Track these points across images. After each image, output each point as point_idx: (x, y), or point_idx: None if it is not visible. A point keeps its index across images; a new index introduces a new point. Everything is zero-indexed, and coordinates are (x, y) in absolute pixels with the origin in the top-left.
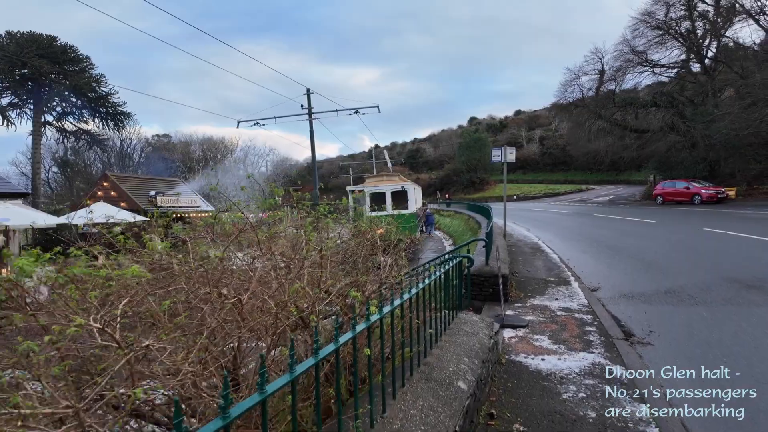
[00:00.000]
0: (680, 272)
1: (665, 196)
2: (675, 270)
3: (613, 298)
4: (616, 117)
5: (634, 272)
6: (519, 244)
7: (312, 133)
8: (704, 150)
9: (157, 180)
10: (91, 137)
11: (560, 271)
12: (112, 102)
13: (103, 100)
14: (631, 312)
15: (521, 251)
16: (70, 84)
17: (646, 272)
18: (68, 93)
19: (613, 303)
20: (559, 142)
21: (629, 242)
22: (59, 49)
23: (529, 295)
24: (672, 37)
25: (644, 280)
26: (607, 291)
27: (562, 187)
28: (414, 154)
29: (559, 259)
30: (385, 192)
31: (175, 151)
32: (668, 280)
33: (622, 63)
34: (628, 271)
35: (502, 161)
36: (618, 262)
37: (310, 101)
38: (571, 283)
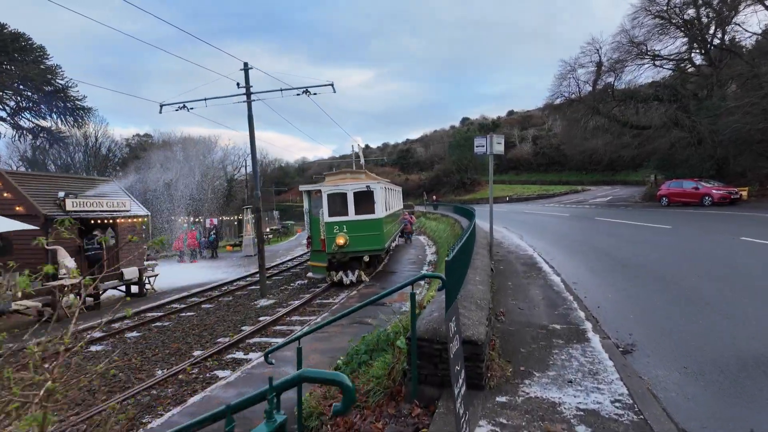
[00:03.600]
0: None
1: (671, 197)
2: (752, 313)
3: (669, 375)
4: (614, 112)
5: (680, 311)
6: (509, 259)
7: (251, 118)
8: (711, 147)
9: (76, 179)
10: (50, 135)
11: (568, 308)
12: (70, 96)
13: (61, 94)
14: (728, 419)
15: (512, 271)
16: (19, 75)
17: (700, 313)
18: (19, 85)
19: (676, 390)
20: (552, 142)
21: (650, 256)
22: (8, 36)
23: (521, 370)
24: (675, 26)
25: (707, 331)
26: (649, 354)
27: (557, 188)
28: (404, 155)
29: (562, 285)
30: (347, 193)
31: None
32: (747, 331)
33: (621, 54)
34: (670, 310)
35: (487, 153)
36: (647, 291)
37: (248, 79)
38: (589, 338)
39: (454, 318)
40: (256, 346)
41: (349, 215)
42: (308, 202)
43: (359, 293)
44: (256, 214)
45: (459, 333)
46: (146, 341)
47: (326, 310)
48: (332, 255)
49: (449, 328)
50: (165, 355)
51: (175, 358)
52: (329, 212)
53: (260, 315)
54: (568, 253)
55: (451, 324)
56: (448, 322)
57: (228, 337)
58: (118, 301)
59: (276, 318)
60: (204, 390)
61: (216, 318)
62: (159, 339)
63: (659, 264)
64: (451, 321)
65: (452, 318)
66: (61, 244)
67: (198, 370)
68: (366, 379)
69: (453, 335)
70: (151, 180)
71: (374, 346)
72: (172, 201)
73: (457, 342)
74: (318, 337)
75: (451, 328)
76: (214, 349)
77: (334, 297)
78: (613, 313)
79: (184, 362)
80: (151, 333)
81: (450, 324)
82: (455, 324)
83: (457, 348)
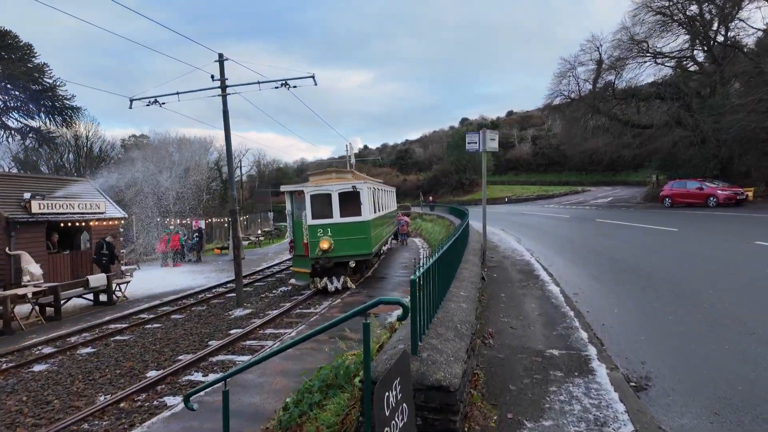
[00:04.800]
0: None
1: (674, 197)
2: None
3: (697, 425)
4: (615, 111)
5: (701, 331)
6: (505, 265)
7: (226, 113)
8: (715, 146)
9: (46, 179)
10: (39, 135)
11: (568, 326)
12: (58, 95)
13: (49, 93)
14: None
15: (506, 279)
16: (5, 73)
17: (727, 336)
18: (6, 84)
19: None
20: (552, 142)
21: (658, 263)
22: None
23: (509, 418)
24: (677, 22)
25: (738, 360)
26: (669, 392)
27: (556, 188)
28: (403, 155)
29: (562, 296)
30: (331, 193)
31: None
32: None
33: (622, 52)
34: (688, 329)
35: (479, 150)
36: (659, 305)
37: (222, 71)
38: (594, 369)
39: (398, 382)
40: (218, 366)
41: (333, 217)
42: (291, 203)
43: (343, 302)
44: (231, 216)
45: (429, 378)
46: (99, 359)
47: (305, 322)
48: (316, 260)
49: (384, 403)
50: (114, 376)
51: (126, 380)
52: (313, 214)
53: (232, 327)
54: (569, 259)
55: (389, 395)
56: (383, 393)
57: (191, 354)
58: (83, 312)
59: (248, 331)
60: (144, 423)
61: (183, 331)
62: (114, 356)
63: (669, 272)
64: (390, 389)
65: (392, 383)
66: (25, 249)
67: (145, 396)
68: (315, 427)
69: (392, 412)
70: (144, 181)
71: (331, 381)
72: (162, 202)
73: (403, 416)
74: (289, 355)
75: (389, 402)
76: (171, 369)
77: (316, 306)
78: (620, 333)
79: (133, 385)
80: (107, 349)
81: (387, 396)
82: (399, 391)
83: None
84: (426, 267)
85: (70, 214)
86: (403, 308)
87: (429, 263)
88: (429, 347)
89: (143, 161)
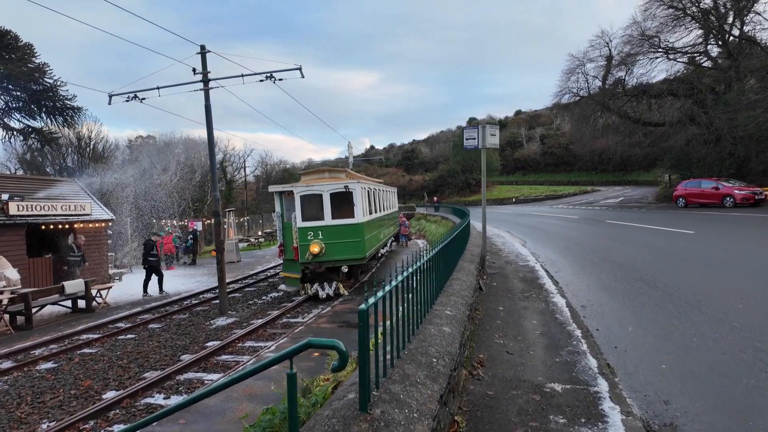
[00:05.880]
0: None
1: (688, 197)
2: None
3: None
4: (625, 108)
5: (737, 362)
6: (506, 272)
7: (208, 108)
8: (731, 144)
9: (28, 179)
10: (41, 135)
11: (574, 350)
12: (59, 95)
13: (50, 93)
14: None
15: (507, 289)
16: (4, 74)
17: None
18: (8, 84)
19: None
20: (561, 141)
21: (676, 270)
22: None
23: None
24: (690, 16)
25: None
26: None
27: (565, 188)
28: (409, 155)
29: (568, 311)
30: (322, 194)
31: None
32: None
33: (633, 48)
34: (721, 358)
35: (479, 146)
36: (681, 325)
37: (205, 64)
38: (605, 413)
39: None
40: (184, 386)
41: (325, 219)
42: (280, 204)
43: (333, 310)
44: (214, 218)
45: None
46: (57, 376)
47: (289, 334)
48: (306, 265)
49: None
50: (68, 397)
51: (78, 402)
52: (303, 216)
53: (210, 339)
54: (577, 264)
55: None
56: None
57: (159, 370)
58: (58, 320)
59: (226, 344)
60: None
61: (156, 343)
62: (75, 372)
63: (688, 281)
64: None
65: None
66: (4, 254)
67: (92, 425)
68: None
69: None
70: (145, 181)
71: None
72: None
73: None
74: (264, 374)
75: None
76: (130, 390)
77: (304, 315)
78: (637, 360)
79: (83, 410)
80: (70, 364)
81: None
82: None
83: None
84: (377, 297)
85: (52, 216)
86: (340, 355)
87: (393, 283)
88: (387, 398)
89: (146, 161)
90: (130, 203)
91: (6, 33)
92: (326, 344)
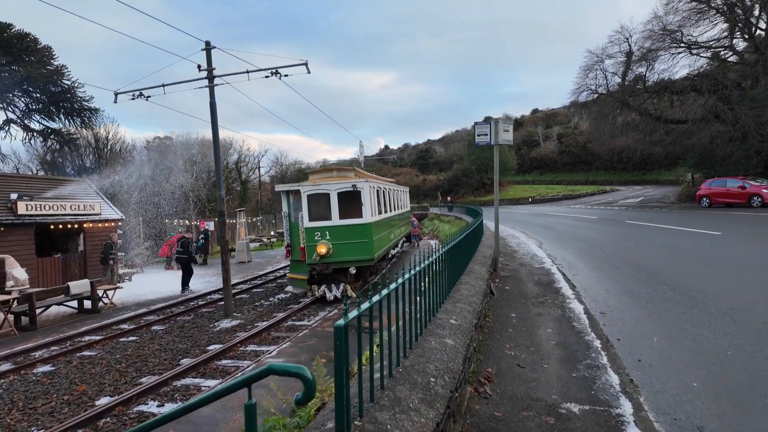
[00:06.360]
0: None
1: (713, 197)
2: None
3: None
4: (646, 105)
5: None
6: (520, 275)
7: (213, 105)
8: (758, 141)
9: (37, 179)
10: (60, 136)
11: (593, 365)
12: (77, 96)
13: (68, 94)
14: None
15: (520, 294)
16: (23, 76)
17: None
18: (28, 87)
19: None
20: (579, 140)
21: (703, 272)
22: (14, 36)
23: None
24: (714, 9)
25: None
26: None
27: (583, 188)
28: (423, 155)
29: (586, 317)
30: (330, 193)
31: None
32: None
33: (654, 43)
34: (756, 371)
35: (491, 143)
36: (711, 333)
37: (210, 60)
38: None
39: None
40: (180, 393)
41: (332, 219)
42: (287, 204)
43: (340, 313)
44: (219, 218)
45: None
46: (53, 380)
47: (294, 336)
48: (313, 266)
49: None
50: (60, 404)
51: (70, 409)
52: (310, 216)
53: (213, 342)
54: (595, 267)
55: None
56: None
57: (156, 375)
58: (63, 321)
59: (227, 347)
60: None
61: (158, 346)
62: (72, 377)
63: (718, 285)
64: None
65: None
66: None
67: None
68: None
69: None
70: (162, 182)
71: None
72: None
73: None
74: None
75: None
76: (124, 396)
77: (309, 318)
78: (664, 377)
79: (72, 419)
80: (68, 367)
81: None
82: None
83: None
84: (374, 299)
85: (61, 216)
86: (305, 385)
87: (385, 292)
88: (371, 429)
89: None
90: (143, 203)
91: (25, 35)
92: (290, 370)
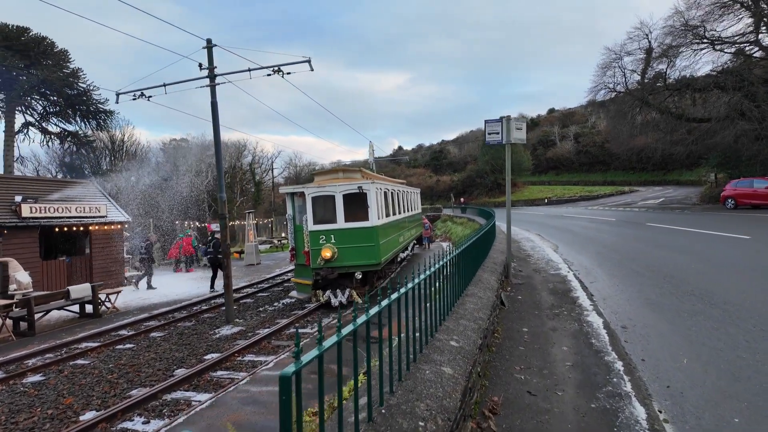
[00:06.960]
0: None
1: (738, 198)
2: None
3: None
4: (667, 103)
5: None
6: (534, 282)
7: (214, 105)
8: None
9: (42, 181)
10: (77, 139)
11: (614, 392)
12: (92, 99)
13: (83, 97)
14: None
15: (533, 304)
16: (40, 78)
17: None
18: (45, 90)
19: None
20: (596, 139)
21: (733, 281)
22: (30, 40)
23: None
24: (738, 3)
25: None
26: None
27: (601, 188)
28: (437, 156)
29: (605, 333)
30: (335, 195)
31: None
32: None
33: (675, 39)
34: None
35: (503, 142)
36: (750, 354)
37: (211, 59)
38: None
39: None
40: (168, 408)
41: (337, 222)
42: (291, 206)
43: (345, 320)
44: (220, 221)
45: None
46: (40, 391)
47: (292, 347)
48: (318, 271)
49: None
50: (42, 418)
51: (52, 425)
52: (314, 219)
53: (211, 350)
54: (615, 274)
55: None
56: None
57: (147, 387)
58: (64, 326)
59: (225, 357)
60: None
61: (154, 354)
62: (60, 387)
63: (750, 296)
64: None
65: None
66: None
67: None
68: None
69: None
70: (181, 183)
71: None
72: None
73: None
74: (253, 397)
75: None
76: (109, 412)
77: (313, 326)
78: (699, 408)
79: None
80: (59, 377)
81: None
82: None
83: None
84: (342, 333)
85: (66, 218)
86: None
87: (359, 320)
88: None
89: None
90: (152, 205)
91: (42, 39)
92: None
